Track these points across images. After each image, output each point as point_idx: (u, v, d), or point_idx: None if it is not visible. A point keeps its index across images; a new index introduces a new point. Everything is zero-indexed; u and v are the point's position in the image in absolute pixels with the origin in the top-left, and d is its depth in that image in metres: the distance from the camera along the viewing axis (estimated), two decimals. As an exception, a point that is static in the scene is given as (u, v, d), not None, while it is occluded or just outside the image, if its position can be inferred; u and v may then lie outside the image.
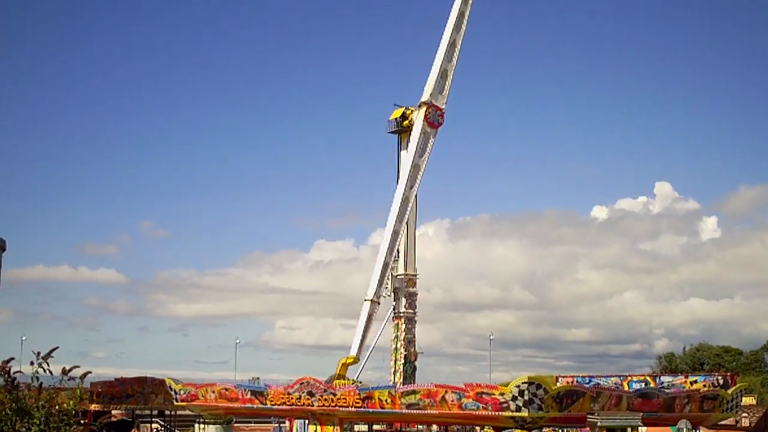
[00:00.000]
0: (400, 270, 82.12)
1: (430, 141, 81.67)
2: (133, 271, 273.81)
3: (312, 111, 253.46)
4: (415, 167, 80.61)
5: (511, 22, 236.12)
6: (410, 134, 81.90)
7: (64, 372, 13.01)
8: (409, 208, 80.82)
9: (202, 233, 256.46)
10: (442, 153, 78.00)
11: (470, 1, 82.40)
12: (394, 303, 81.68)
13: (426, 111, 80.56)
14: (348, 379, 70.70)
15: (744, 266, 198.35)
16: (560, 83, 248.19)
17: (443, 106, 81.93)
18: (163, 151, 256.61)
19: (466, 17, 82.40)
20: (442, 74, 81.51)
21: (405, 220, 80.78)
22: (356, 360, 76.17)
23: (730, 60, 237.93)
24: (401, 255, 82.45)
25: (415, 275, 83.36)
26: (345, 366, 74.52)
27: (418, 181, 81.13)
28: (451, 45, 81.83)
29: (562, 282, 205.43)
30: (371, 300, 77.62)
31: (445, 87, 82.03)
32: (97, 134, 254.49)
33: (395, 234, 79.78)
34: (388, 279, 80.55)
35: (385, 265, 78.99)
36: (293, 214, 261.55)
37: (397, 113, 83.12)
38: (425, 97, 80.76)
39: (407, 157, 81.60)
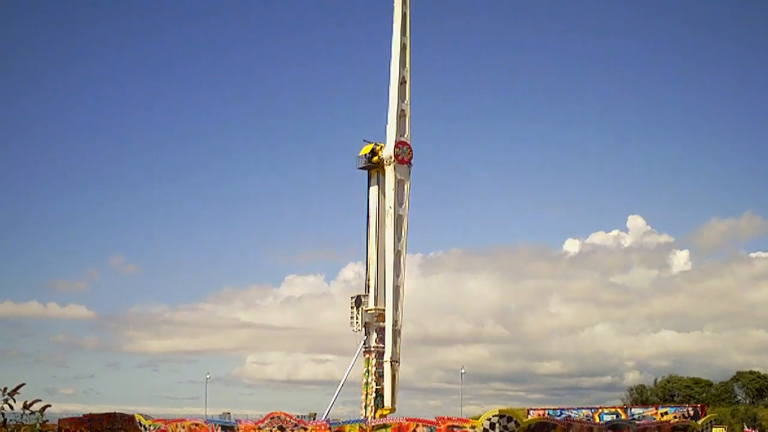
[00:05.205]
0: (371, 305, 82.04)
1: (407, 186, 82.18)
2: (103, 307, 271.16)
3: (282, 147, 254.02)
4: (398, 218, 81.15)
5: (469, 52, 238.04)
6: (380, 170, 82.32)
7: (26, 406, 12.95)
8: (402, 260, 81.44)
9: (173, 269, 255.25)
10: (413, 186, 78.39)
11: (408, 32, 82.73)
12: (365, 338, 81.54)
13: (395, 149, 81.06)
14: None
15: (714, 299, 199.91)
16: (531, 117, 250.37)
17: (408, 141, 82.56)
18: (132, 186, 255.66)
19: (408, 49, 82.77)
20: (400, 114, 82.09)
21: (402, 273, 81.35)
22: (392, 410, 77.33)
23: (702, 97, 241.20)
24: (371, 290, 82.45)
25: (385, 310, 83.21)
26: (383, 417, 74.70)
27: (404, 232, 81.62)
28: (402, 82, 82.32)
29: (535, 316, 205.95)
30: (390, 361, 78.69)
31: (406, 127, 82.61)
32: (64, 169, 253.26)
33: (397, 289, 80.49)
34: (358, 315, 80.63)
35: (395, 323, 79.82)
36: (264, 249, 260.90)
37: (367, 149, 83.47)
38: (390, 148, 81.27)
39: (377, 198, 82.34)
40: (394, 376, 79.05)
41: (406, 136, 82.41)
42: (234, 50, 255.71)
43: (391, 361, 79.22)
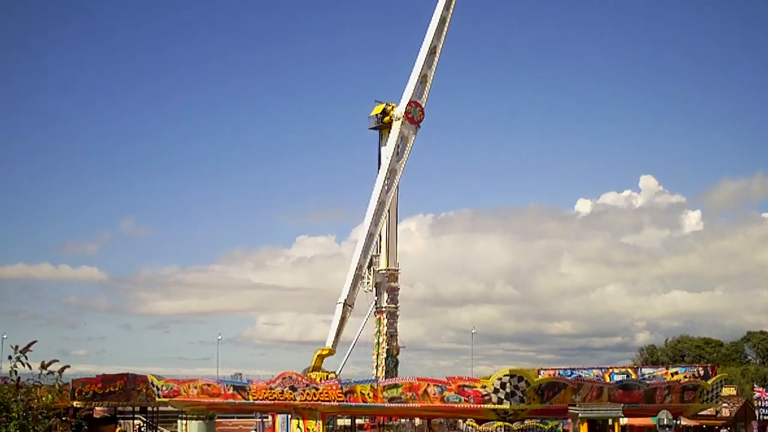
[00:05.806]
0: (382, 265, 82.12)
1: (409, 143, 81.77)
2: (114, 268, 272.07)
3: (293, 107, 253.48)
4: (391, 171, 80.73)
5: (493, 18, 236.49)
6: (390, 132, 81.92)
7: (43, 366, 12.93)
8: (384, 212, 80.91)
9: (183, 230, 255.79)
10: (425, 148, 78.17)
11: (452, 7, 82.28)
12: (376, 298, 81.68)
13: (407, 107, 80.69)
14: (324, 371, 71.41)
15: (725, 259, 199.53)
16: (544, 77, 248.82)
17: (423, 104, 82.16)
18: (144, 149, 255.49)
19: (448, 23, 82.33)
20: (422, 79, 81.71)
21: (380, 224, 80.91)
22: (332, 352, 76.60)
23: (714, 56, 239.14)
24: (383, 250, 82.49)
25: (397, 270, 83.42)
26: (321, 357, 74.88)
27: (395, 186, 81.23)
28: (432, 51, 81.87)
29: (545, 276, 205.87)
30: (344, 303, 78.09)
31: (425, 92, 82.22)
32: (78, 132, 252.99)
33: (370, 237, 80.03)
34: (369, 275, 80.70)
35: (359, 267, 79.28)
36: (275, 210, 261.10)
37: (378, 109, 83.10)
38: (402, 106, 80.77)
39: (386, 157, 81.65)
40: (343, 319, 78.64)
41: (422, 99, 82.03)
42: (241, 15, 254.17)
43: (344, 304, 78.76)
